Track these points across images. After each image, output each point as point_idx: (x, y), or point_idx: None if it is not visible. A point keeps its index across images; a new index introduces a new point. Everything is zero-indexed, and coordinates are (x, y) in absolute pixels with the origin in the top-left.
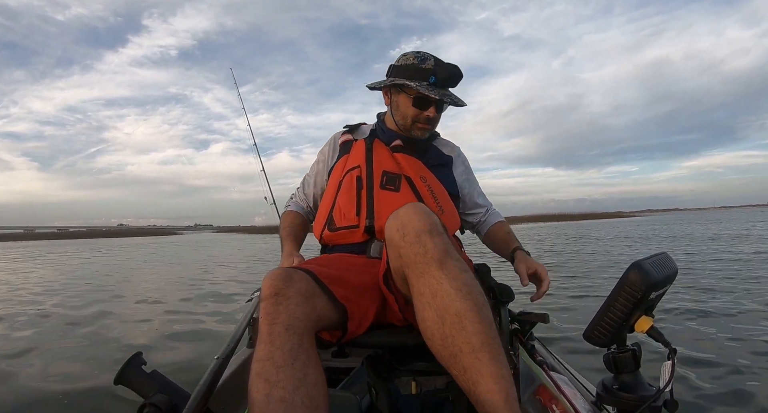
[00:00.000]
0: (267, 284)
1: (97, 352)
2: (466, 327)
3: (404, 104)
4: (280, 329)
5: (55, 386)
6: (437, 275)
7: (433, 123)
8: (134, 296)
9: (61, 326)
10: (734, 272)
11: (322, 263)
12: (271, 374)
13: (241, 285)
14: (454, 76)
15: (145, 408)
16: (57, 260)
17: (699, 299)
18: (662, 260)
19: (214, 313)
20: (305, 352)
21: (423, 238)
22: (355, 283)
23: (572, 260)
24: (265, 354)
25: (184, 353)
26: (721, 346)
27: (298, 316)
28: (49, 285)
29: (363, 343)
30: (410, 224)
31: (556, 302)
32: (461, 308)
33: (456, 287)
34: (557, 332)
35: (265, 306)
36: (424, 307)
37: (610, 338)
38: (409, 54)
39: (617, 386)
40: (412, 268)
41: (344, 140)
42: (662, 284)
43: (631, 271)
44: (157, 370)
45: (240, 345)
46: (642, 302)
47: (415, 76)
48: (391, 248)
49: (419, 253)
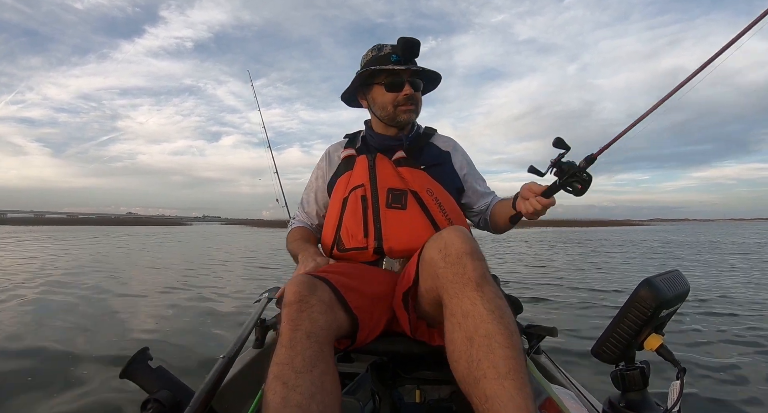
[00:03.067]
0: (291, 290)
1: (103, 345)
2: (494, 349)
3: (379, 94)
4: (302, 335)
5: (59, 377)
6: (472, 296)
7: (414, 102)
8: (146, 290)
9: (69, 316)
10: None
11: (340, 271)
12: (289, 378)
13: (252, 282)
14: (410, 45)
15: (148, 404)
16: (68, 249)
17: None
18: (674, 278)
19: (223, 311)
20: (324, 360)
21: (464, 259)
22: (369, 293)
23: (584, 270)
24: (285, 358)
25: (191, 350)
26: (729, 361)
27: (321, 325)
28: (61, 274)
29: (369, 350)
30: (453, 246)
31: (565, 316)
32: (492, 330)
33: (489, 309)
34: (565, 346)
35: (288, 312)
36: (454, 328)
37: (619, 355)
38: (366, 52)
39: (624, 404)
40: (447, 288)
41: (347, 155)
42: (673, 302)
43: (642, 288)
44: (162, 366)
45: (246, 345)
46: (652, 319)
47: (378, 64)
48: (428, 268)
49: (458, 273)
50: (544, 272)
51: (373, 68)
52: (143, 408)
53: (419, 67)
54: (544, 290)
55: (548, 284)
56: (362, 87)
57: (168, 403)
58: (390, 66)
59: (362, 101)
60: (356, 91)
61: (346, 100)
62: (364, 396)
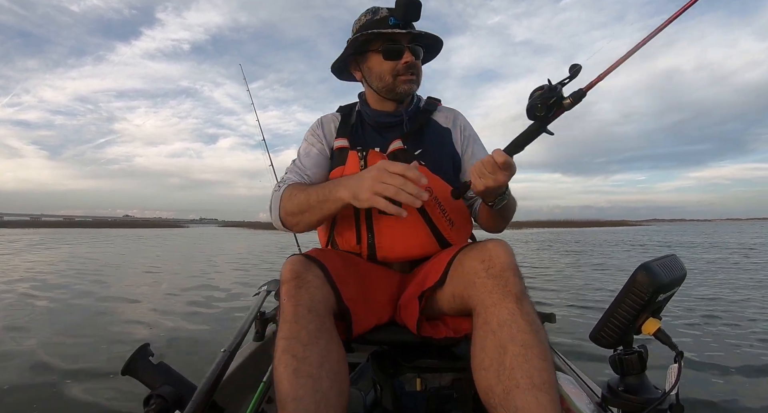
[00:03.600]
0: (287, 268)
1: (105, 342)
2: (531, 359)
3: (376, 63)
4: (303, 310)
5: (61, 374)
6: (511, 307)
7: (415, 71)
8: (145, 288)
9: (70, 315)
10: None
11: (338, 255)
12: (297, 350)
13: (249, 278)
14: (411, 6)
15: (151, 399)
16: (68, 251)
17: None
18: (670, 262)
19: (222, 306)
20: (328, 331)
21: (507, 273)
22: (366, 284)
23: (581, 260)
24: (290, 332)
25: (191, 345)
26: (728, 349)
27: (319, 298)
28: (61, 274)
29: (369, 339)
30: (498, 258)
31: (563, 302)
32: (530, 341)
33: (528, 321)
34: (563, 331)
35: (287, 289)
36: (487, 336)
37: (617, 339)
38: (359, 17)
39: (623, 388)
40: (483, 298)
41: (339, 146)
42: (670, 286)
43: (639, 272)
44: (164, 362)
45: (246, 339)
46: (649, 304)
47: (373, 28)
48: (465, 276)
49: (499, 285)
50: (542, 263)
51: (369, 33)
52: (146, 403)
53: (420, 31)
54: (541, 277)
55: (546, 273)
56: (355, 56)
57: (170, 398)
58: (388, 30)
59: (355, 73)
60: (348, 61)
61: (336, 71)
62: (365, 386)
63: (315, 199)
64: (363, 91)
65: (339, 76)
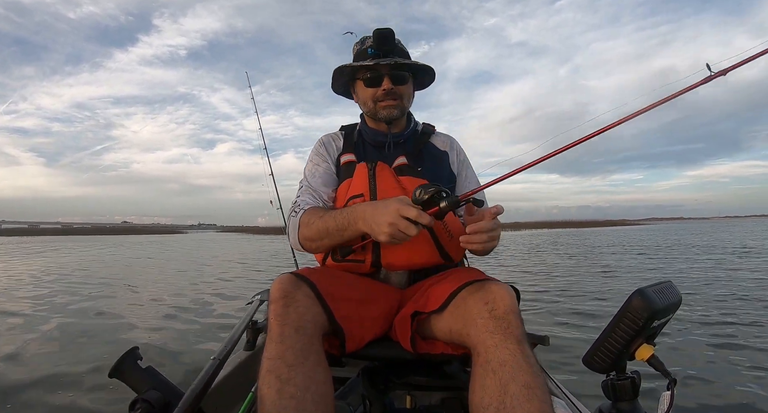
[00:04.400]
0: (276, 287)
1: (94, 344)
2: (532, 400)
3: (361, 90)
4: (290, 330)
5: (49, 375)
6: (513, 348)
7: (396, 96)
8: (136, 293)
9: (60, 318)
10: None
11: (330, 275)
12: (282, 371)
13: (244, 287)
14: (384, 37)
15: (137, 404)
16: (66, 256)
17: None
18: (666, 289)
19: (216, 313)
20: (315, 352)
21: (510, 316)
22: (360, 301)
23: (577, 275)
24: (276, 352)
25: (181, 351)
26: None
27: (308, 318)
28: (55, 278)
29: (360, 355)
30: (502, 301)
31: (557, 324)
32: (532, 382)
33: (529, 363)
34: (556, 355)
35: (275, 308)
36: (487, 374)
37: (610, 364)
38: (353, 45)
39: None
40: (484, 338)
41: (347, 161)
42: (665, 312)
43: (634, 298)
44: (152, 366)
45: (237, 347)
46: (644, 329)
47: (358, 59)
48: (467, 315)
49: (501, 327)
50: (535, 279)
51: (351, 65)
52: (131, 407)
53: (400, 60)
54: (536, 296)
55: (541, 291)
56: (351, 82)
57: (157, 404)
58: (367, 62)
59: (354, 95)
60: (348, 84)
61: (342, 93)
62: (355, 401)
63: (334, 227)
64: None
65: (347, 97)
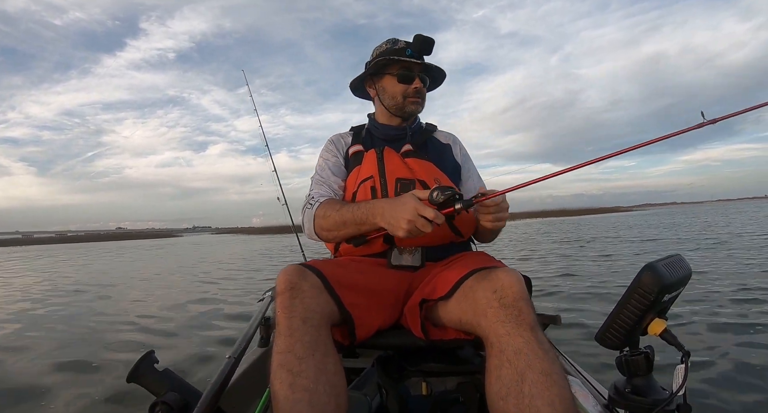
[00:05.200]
0: (282, 279)
1: (110, 350)
2: (551, 387)
3: (390, 84)
4: (298, 322)
5: (68, 383)
6: (527, 335)
7: (422, 95)
8: (147, 296)
9: (74, 325)
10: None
11: (337, 264)
12: (293, 365)
13: (253, 285)
14: (427, 43)
15: (156, 407)
16: (66, 264)
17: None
18: (676, 262)
19: (226, 312)
20: (324, 343)
21: (520, 303)
22: (369, 288)
23: (583, 259)
24: (285, 346)
25: (196, 352)
26: (737, 350)
27: (314, 309)
28: (63, 286)
29: (373, 344)
30: (511, 288)
31: (569, 304)
32: (549, 368)
33: (544, 349)
34: (569, 333)
35: (281, 300)
36: (503, 364)
37: (623, 341)
38: (380, 44)
39: (629, 389)
40: (496, 327)
41: (355, 151)
42: (676, 286)
43: (644, 273)
44: (169, 369)
45: (251, 344)
46: (655, 304)
47: (392, 55)
48: (475, 305)
49: (512, 315)
50: (544, 261)
51: (389, 58)
52: (151, 410)
53: (431, 63)
54: (545, 278)
55: (550, 273)
56: (372, 76)
57: (176, 405)
58: (406, 58)
59: (370, 90)
60: (365, 79)
61: (353, 87)
62: (371, 391)
63: (351, 220)
64: (372, 112)
65: (354, 92)
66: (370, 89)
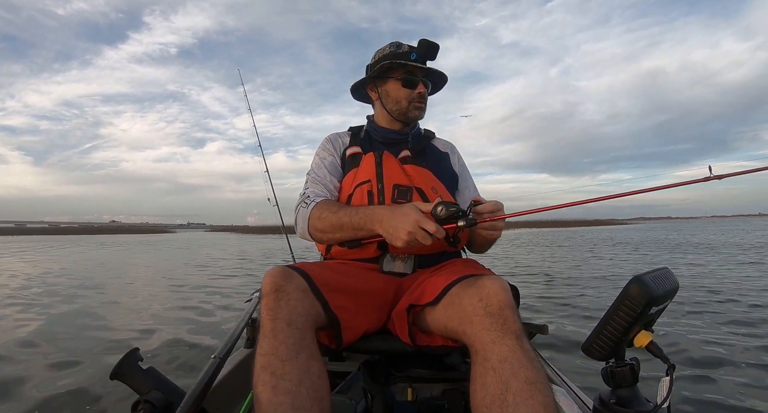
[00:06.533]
0: (267, 281)
1: (93, 347)
2: (535, 396)
3: (394, 88)
4: (282, 324)
5: (49, 379)
6: (512, 344)
7: (424, 100)
8: (133, 293)
9: (59, 320)
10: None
11: (325, 266)
12: (276, 367)
13: (241, 285)
14: (432, 48)
15: (139, 405)
16: (59, 257)
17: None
18: (663, 275)
19: (213, 312)
20: (307, 346)
21: (505, 312)
22: (357, 291)
23: (573, 267)
24: (269, 348)
25: (181, 350)
26: (722, 360)
27: (299, 311)
28: (49, 280)
29: (360, 348)
30: (496, 297)
31: (555, 313)
32: (534, 377)
33: (529, 357)
34: (555, 343)
35: (266, 302)
36: (487, 372)
37: (609, 352)
38: (383, 47)
39: (614, 400)
40: (481, 335)
41: (353, 153)
42: (663, 299)
43: (632, 285)
44: (153, 367)
45: (237, 345)
46: (642, 316)
47: (397, 59)
48: (461, 313)
49: (498, 323)
50: (532, 270)
51: (394, 62)
52: (134, 409)
53: (434, 68)
54: (534, 287)
55: (538, 282)
56: (375, 80)
57: (159, 404)
58: (411, 62)
59: (372, 93)
60: (366, 82)
61: (354, 90)
62: (356, 395)
63: (348, 225)
64: (371, 114)
65: (354, 96)
66: (371, 92)
